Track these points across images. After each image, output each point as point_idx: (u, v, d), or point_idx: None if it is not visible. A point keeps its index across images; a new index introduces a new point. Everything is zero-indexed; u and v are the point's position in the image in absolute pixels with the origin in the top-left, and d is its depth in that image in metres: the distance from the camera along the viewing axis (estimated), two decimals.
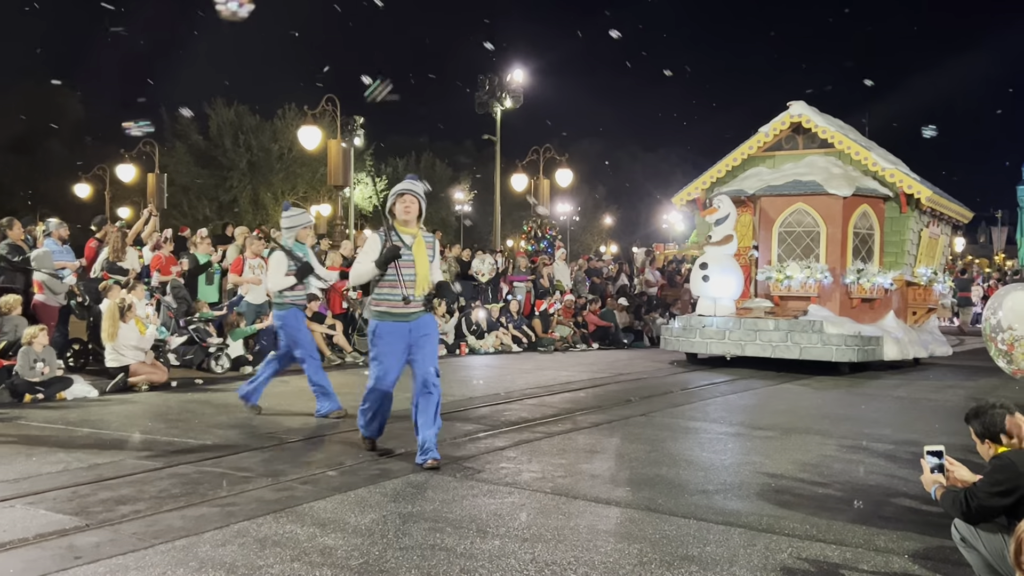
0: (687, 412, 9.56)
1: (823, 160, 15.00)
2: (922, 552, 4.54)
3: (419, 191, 6.49)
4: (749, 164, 15.77)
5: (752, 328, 13.88)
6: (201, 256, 13.91)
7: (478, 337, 16.92)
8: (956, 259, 49.32)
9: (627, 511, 5.26)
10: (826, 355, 13.26)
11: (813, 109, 15.33)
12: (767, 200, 14.82)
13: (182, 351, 12.19)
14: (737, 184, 15.33)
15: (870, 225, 14.72)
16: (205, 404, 9.56)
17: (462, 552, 4.42)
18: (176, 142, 43.40)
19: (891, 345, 14.04)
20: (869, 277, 14.22)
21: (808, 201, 14.47)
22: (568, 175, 28.19)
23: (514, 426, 8.28)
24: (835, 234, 14.35)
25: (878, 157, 14.83)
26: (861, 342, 13.38)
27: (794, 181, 14.56)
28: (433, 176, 55.51)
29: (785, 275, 14.26)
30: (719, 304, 14.48)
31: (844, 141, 14.90)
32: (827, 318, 13.69)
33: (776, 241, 14.82)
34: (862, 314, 14.39)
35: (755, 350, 13.81)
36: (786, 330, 13.56)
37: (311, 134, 21.76)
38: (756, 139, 15.67)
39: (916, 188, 14.62)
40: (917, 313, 15.92)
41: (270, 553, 4.36)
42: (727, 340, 14.12)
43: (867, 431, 8.26)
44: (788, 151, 15.62)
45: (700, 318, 14.56)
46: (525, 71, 29.78)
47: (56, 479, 5.87)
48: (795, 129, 15.50)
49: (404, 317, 6.43)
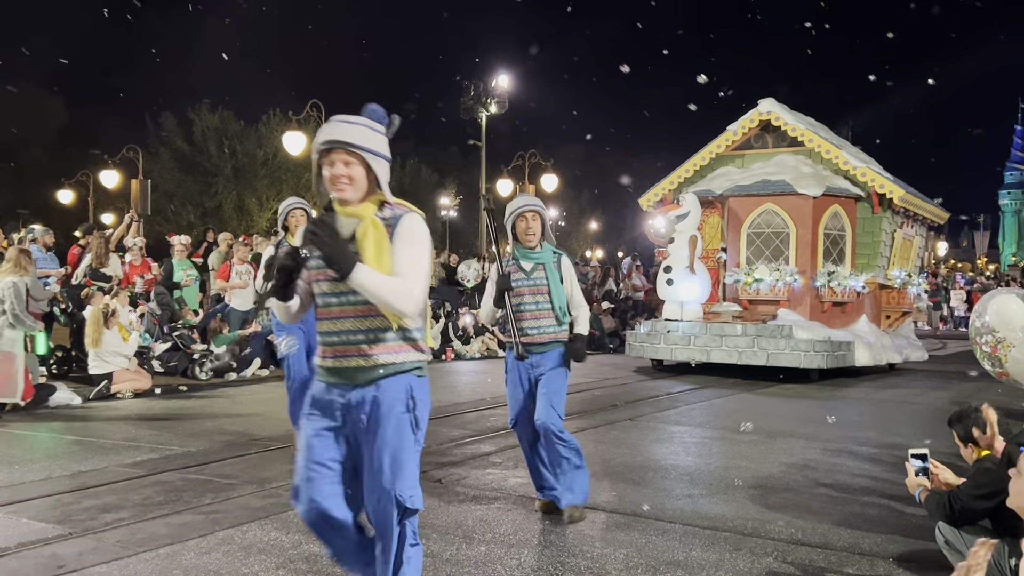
0: (672, 416, 9.57)
1: (793, 159, 14.60)
2: (907, 555, 4.56)
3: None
4: (718, 164, 15.35)
5: (719, 333, 13.42)
6: (178, 265, 13.81)
7: (464, 342, 16.91)
8: (939, 263, 49.58)
9: (613, 516, 5.27)
10: (794, 361, 12.80)
11: (783, 106, 14.92)
12: (735, 200, 14.41)
13: (166, 358, 12.13)
14: (705, 184, 14.90)
15: (841, 226, 14.34)
16: (189, 411, 9.51)
17: (448, 558, 4.41)
18: (160, 148, 43.24)
19: (863, 350, 13.62)
20: (840, 280, 13.89)
21: (777, 201, 14.07)
22: (553, 180, 28.22)
23: (500, 432, 8.27)
24: (805, 235, 13.98)
25: (849, 156, 14.45)
26: (831, 347, 12.94)
27: (763, 181, 14.18)
28: (418, 181, 55.52)
29: (754, 278, 13.86)
30: (686, 308, 14.10)
31: (814, 139, 14.50)
32: (797, 323, 13.29)
33: (745, 243, 14.41)
34: (833, 318, 14.06)
35: (721, 356, 13.35)
36: (753, 335, 13.14)
37: (296, 140, 21.69)
38: (724, 137, 15.25)
39: (888, 187, 14.25)
40: (891, 317, 15.55)
41: (255, 561, 4.34)
42: (692, 346, 13.65)
43: (851, 434, 8.30)
44: (758, 150, 15.19)
45: (665, 323, 14.13)
46: (510, 76, 29.87)
47: (39, 487, 5.83)
48: (764, 127, 15.06)
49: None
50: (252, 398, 10.66)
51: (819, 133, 14.77)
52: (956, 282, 35.91)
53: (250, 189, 44.13)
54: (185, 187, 43.59)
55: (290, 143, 22.05)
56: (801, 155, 14.71)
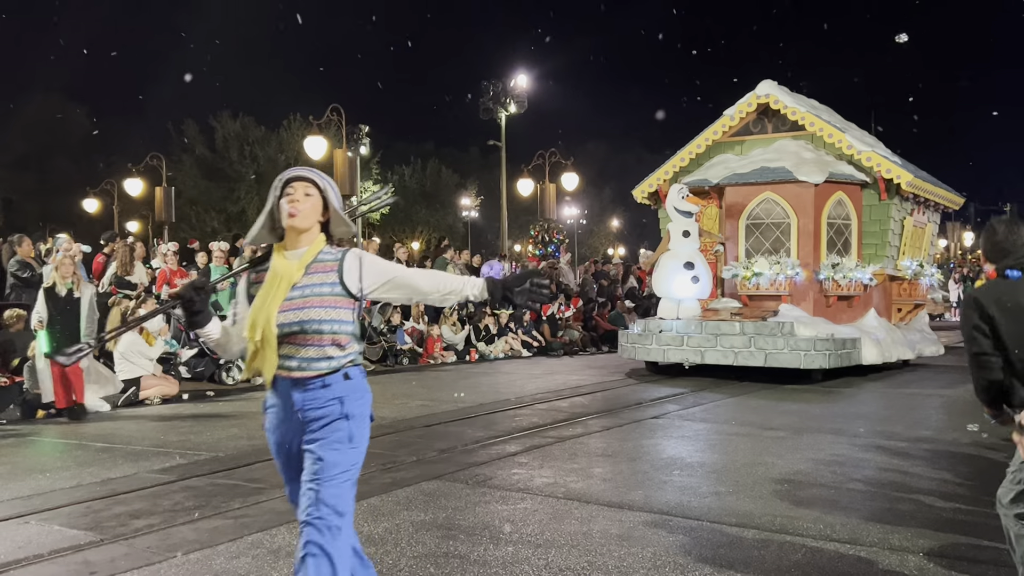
0: (697, 414, 9.54)
1: (794, 144, 13.70)
2: (937, 550, 4.52)
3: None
4: (715, 151, 14.46)
5: (714, 332, 12.40)
6: (215, 271, 13.94)
7: (488, 343, 16.94)
8: (965, 254, 49.06)
9: (640, 514, 5.25)
10: (793, 361, 11.83)
11: (783, 89, 14.09)
12: (733, 190, 13.58)
13: (193, 363, 12.23)
14: (702, 173, 14.09)
15: (846, 214, 13.47)
16: (217, 416, 9.58)
17: (475, 559, 4.42)
18: (183, 155, 43.64)
19: (870, 347, 12.69)
20: (846, 272, 13.01)
21: (777, 190, 13.19)
22: (574, 179, 28.20)
23: (525, 431, 8.28)
24: (807, 225, 13.12)
25: (853, 139, 13.51)
26: (834, 345, 11.95)
27: (761, 168, 13.29)
28: (439, 182, 55.65)
29: (753, 272, 12.95)
30: (683, 306, 13.12)
31: (816, 123, 13.61)
32: (799, 319, 12.41)
33: (743, 234, 13.53)
34: (839, 313, 13.24)
35: (716, 357, 12.33)
36: (751, 334, 12.12)
37: (317, 144, 21.81)
38: (721, 123, 14.34)
39: (896, 172, 13.25)
40: (902, 310, 14.62)
41: (284, 564, 4.37)
42: (686, 347, 12.60)
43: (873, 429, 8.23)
44: (757, 135, 14.30)
45: (659, 322, 13.14)
46: (529, 76, 29.88)
47: (70, 495, 5.90)
48: (763, 111, 14.19)
49: None
50: None
51: (821, 116, 13.91)
52: (984, 273, 35.60)
53: None
54: (208, 193, 44.00)
55: (311, 147, 22.18)
56: (802, 140, 13.87)
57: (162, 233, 28.60)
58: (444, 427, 8.62)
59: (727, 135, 14.46)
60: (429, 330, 16.23)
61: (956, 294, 34.34)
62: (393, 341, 15.23)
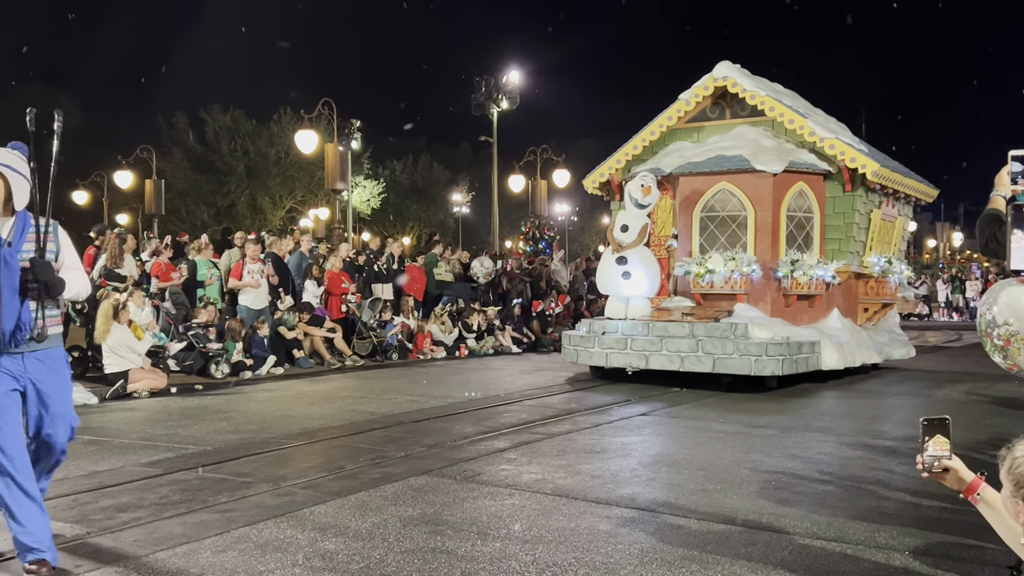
0: (686, 411, 9.56)
1: (753, 131, 12.75)
2: (923, 548, 4.54)
3: None
4: (671, 138, 13.53)
5: (661, 334, 11.50)
6: (201, 263, 13.94)
7: (477, 339, 16.95)
8: (954, 254, 49.30)
9: (627, 511, 5.27)
10: (743, 367, 10.87)
11: (742, 71, 13.14)
12: (686, 180, 12.60)
13: (182, 357, 12.21)
14: (655, 162, 13.11)
15: (807, 207, 12.50)
16: (205, 410, 9.56)
17: (463, 555, 4.43)
18: (173, 148, 43.48)
19: (831, 351, 11.75)
20: (806, 269, 12.06)
21: (733, 180, 12.22)
22: (565, 175, 28.20)
23: (514, 427, 8.29)
24: (765, 218, 12.18)
25: (815, 125, 12.50)
26: (789, 350, 10.99)
27: (717, 156, 12.32)
28: (431, 178, 55.63)
29: (706, 269, 12.00)
30: (632, 305, 12.28)
31: (776, 107, 12.63)
32: (755, 319, 11.50)
33: (697, 228, 12.56)
34: (799, 313, 12.34)
35: (661, 362, 11.44)
36: (700, 336, 11.21)
37: (308, 138, 21.77)
38: (675, 108, 13.39)
39: (861, 161, 12.26)
40: (869, 310, 13.64)
41: (271, 558, 4.36)
42: (630, 350, 11.71)
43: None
44: (715, 121, 13.31)
45: (603, 322, 12.25)
46: (521, 72, 29.87)
47: (56, 487, 5.86)
48: (721, 95, 13.21)
49: None
50: (267, 396, 10.71)
51: (783, 101, 12.92)
52: (972, 272, 35.88)
53: (263, 188, 44.35)
54: (198, 186, 43.87)
55: (302, 141, 22.14)
56: (762, 126, 12.91)
57: (151, 226, 28.56)
58: (433, 423, 8.62)
59: (683, 121, 13.54)
60: (420, 325, 16.24)
61: (944, 295, 34.88)
62: (383, 336, 15.23)
